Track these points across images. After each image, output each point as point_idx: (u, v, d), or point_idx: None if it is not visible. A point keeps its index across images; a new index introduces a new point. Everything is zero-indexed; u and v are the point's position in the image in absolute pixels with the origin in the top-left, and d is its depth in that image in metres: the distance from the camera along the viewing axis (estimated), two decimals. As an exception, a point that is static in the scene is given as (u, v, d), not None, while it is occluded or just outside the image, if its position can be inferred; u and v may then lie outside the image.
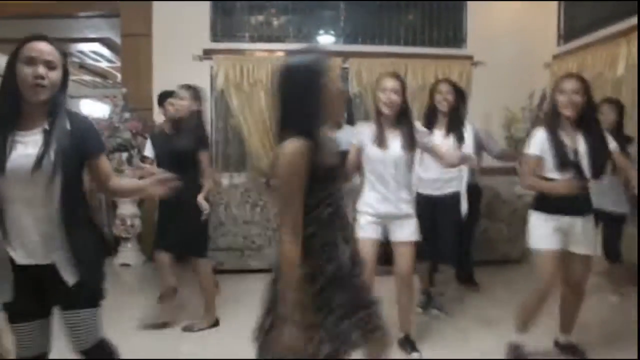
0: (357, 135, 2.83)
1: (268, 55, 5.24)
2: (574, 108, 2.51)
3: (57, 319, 1.80)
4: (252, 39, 5.41)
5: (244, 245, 4.68)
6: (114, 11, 5.25)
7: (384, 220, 2.75)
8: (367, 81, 5.23)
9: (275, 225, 4.71)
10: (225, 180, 5.18)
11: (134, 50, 5.21)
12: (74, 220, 1.72)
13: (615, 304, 3.76)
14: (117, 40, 6.18)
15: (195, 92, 3.40)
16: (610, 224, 3.64)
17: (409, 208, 2.76)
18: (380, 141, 2.67)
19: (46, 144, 1.64)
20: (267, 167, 5.11)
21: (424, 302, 3.62)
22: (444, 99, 3.34)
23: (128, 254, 5.05)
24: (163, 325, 3.33)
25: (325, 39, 5.55)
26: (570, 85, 2.52)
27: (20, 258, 1.68)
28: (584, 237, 2.62)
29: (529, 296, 2.74)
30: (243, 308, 3.57)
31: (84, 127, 1.77)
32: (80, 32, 6.38)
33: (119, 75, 8.86)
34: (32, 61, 1.62)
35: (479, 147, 3.79)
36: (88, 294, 1.77)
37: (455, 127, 3.34)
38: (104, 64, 8.52)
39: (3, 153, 1.60)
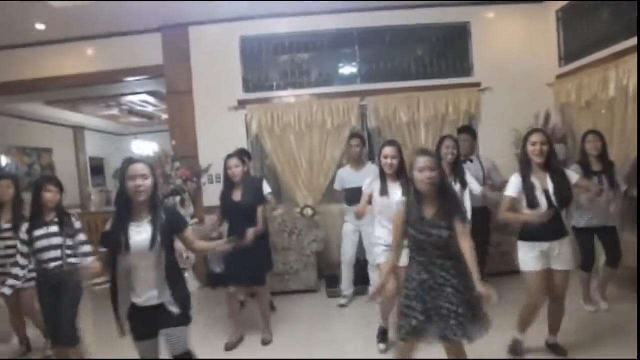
0: (369, 186, 3.57)
1: (294, 101, 5.93)
2: (542, 156, 3.09)
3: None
4: (279, 87, 6.06)
5: (284, 270, 5.34)
6: (159, 71, 6.06)
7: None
8: (384, 116, 5.81)
9: (309, 251, 5.37)
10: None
11: (178, 105, 5.98)
12: (173, 274, 2.57)
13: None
14: (160, 89, 7.05)
15: (244, 156, 4.18)
16: (607, 237, 4.12)
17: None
18: (384, 191, 3.43)
19: (154, 230, 2.46)
20: (300, 199, 5.78)
21: None
22: (450, 153, 4.05)
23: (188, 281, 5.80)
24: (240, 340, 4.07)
25: (343, 81, 6.14)
26: (538, 138, 3.11)
27: (141, 302, 2.52)
28: (563, 256, 3.16)
29: (523, 308, 3.32)
30: (285, 324, 4.28)
31: (172, 214, 2.65)
32: (131, 89, 7.26)
33: (162, 116, 9.82)
34: (133, 178, 2.43)
35: (488, 176, 4.52)
36: (183, 319, 2.60)
37: (459, 174, 4.03)
38: (150, 109, 9.44)
39: (126, 237, 2.42)
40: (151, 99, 8.36)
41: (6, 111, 7.98)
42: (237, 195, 4.01)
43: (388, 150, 3.46)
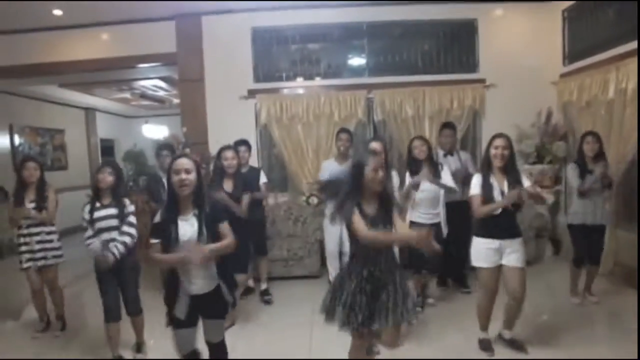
0: None
1: (303, 92, 6.09)
2: (502, 159, 3.32)
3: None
4: (288, 78, 6.21)
5: (288, 256, 5.54)
6: (172, 59, 6.21)
7: None
8: (389, 109, 5.96)
9: (313, 239, 5.57)
10: (270, 199, 5.94)
11: (190, 93, 6.14)
12: (222, 263, 2.68)
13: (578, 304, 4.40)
14: (172, 75, 7.22)
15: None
16: (595, 235, 4.29)
17: None
18: None
19: (200, 222, 2.57)
20: (306, 188, 5.96)
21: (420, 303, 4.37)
22: (421, 151, 4.20)
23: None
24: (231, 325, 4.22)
25: (351, 74, 6.27)
26: (500, 142, 3.34)
27: (194, 291, 2.63)
28: (515, 254, 3.32)
29: (478, 301, 3.55)
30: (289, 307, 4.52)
31: (214, 206, 2.68)
32: (144, 74, 7.42)
33: (173, 100, 9.98)
34: (177, 172, 2.54)
35: (464, 167, 4.86)
36: (228, 307, 2.77)
37: (434, 168, 4.23)
38: (161, 93, 9.60)
39: (176, 230, 2.54)
40: (163, 84, 8.51)
41: (21, 92, 8.18)
42: (228, 186, 4.19)
43: (375, 146, 3.65)
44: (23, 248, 4.11)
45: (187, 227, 2.56)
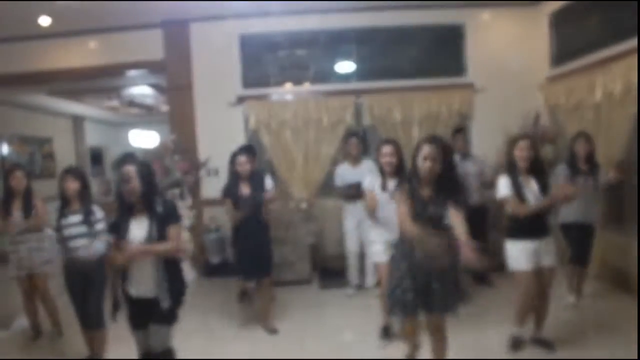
0: (370, 183, 3.76)
1: (291, 98, 6.09)
2: (528, 160, 3.35)
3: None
4: (277, 84, 6.20)
5: (279, 261, 5.46)
6: (160, 66, 6.19)
7: None
8: (378, 114, 5.96)
9: (303, 244, 5.56)
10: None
11: (179, 100, 6.12)
12: (169, 267, 2.72)
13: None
14: (160, 82, 7.20)
15: (251, 152, 4.40)
16: (581, 234, 4.31)
17: None
18: (385, 187, 3.61)
19: (149, 224, 2.67)
20: (296, 193, 5.95)
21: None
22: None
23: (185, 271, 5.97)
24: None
25: (339, 79, 6.27)
26: (524, 144, 3.38)
27: (136, 294, 2.70)
28: (550, 253, 3.41)
29: (519, 305, 3.51)
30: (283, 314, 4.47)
31: (168, 208, 2.78)
32: (132, 81, 7.39)
33: (162, 107, 9.93)
34: (123, 180, 2.68)
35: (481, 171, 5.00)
36: (170, 316, 2.75)
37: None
38: (149, 100, 9.55)
39: (126, 231, 2.66)
40: (151, 91, 8.46)
41: (8, 101, 8.11)
42: (245, 189, 4.20)
43: (387, 149, 3.63)
44: (11, 256, 4.07)
45: (139, 229, 2.67)
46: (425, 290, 2.72)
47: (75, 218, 3.51)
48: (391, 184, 3.54)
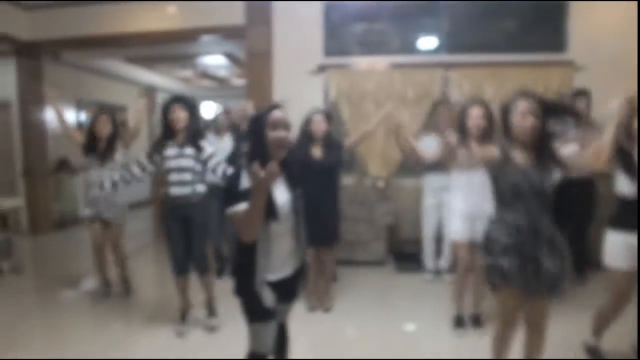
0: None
1: (373, 69, 5.75)
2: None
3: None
4: (360, 53, 5.86)
5: (352, 239, 5.26)
6: (238, 32, 6.03)
7: None
8: (468, 90, 5.54)
9: (380, 223, 5.27)
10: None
11: (258, 67, 5.94)
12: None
13: None
14: (235, 52, 7.07)
15: (328, 115, 4.03)
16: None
17: None
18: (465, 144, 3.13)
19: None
20: (373, 170, 5.66)
21: None
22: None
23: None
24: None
25: (426, 51, 5.88)
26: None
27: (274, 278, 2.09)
28: None
29: (604, 308, 2.96)
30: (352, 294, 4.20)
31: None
32: (208, 48, 7.29)
33: (233, 80, 9.88)
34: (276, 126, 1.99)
35: None
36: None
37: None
38: (222, 72, 9.50)
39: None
40: (225, 61, 8.37)
41: (85, 66, 8.26)
42: (317, 152, 3.87)
43: (476, 111, 3.23)
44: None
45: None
46: (535, 267, 2.28)
47: (183, 151, 3.31)
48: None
